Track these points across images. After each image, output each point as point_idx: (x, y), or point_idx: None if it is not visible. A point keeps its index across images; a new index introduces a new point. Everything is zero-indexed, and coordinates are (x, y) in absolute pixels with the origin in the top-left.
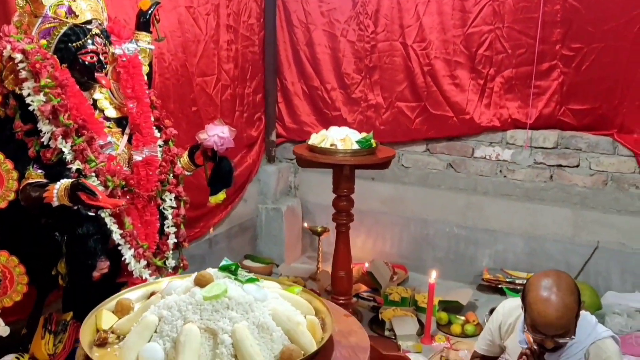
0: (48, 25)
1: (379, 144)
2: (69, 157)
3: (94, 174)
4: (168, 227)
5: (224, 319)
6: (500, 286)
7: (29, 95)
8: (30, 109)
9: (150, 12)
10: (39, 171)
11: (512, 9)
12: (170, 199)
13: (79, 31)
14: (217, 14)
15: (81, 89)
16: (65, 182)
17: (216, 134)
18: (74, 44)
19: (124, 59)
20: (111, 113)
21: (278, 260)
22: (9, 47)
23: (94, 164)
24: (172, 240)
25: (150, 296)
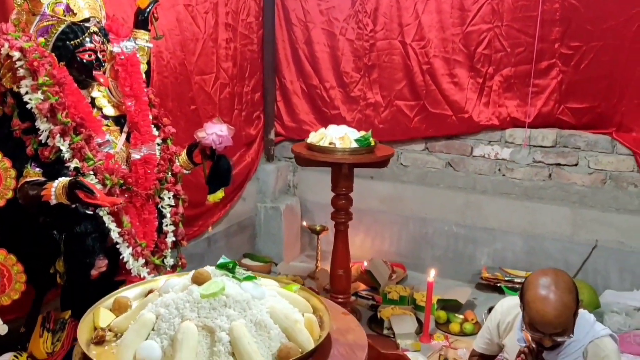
0: (46, 23)
1: (377, 143)
2: (67, 155)
3: (92, 172)
4: (166, 226)
5: (222, 316)
6: (499, 285)
7: (26, 93)
8: (28, 107)
9: (148, 10)
10: (37, 169)
11: (511, 8)
12: (169, 198)
13: (77, 29)
14: (215, 12)
15: (79, 87)
16: (64, 181)
17: (215, 132)
18: (72, 42)
19: (122, 57)
20: (109, 111)
21: (277, 259)
22: (6, 45)
23: (92, 162)
24: (170, 239)
25: (148, 294)
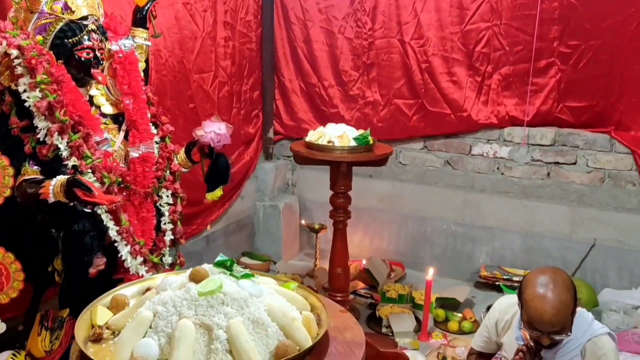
0: (44, 21)
1: (376, 141)
2: (65, 153)
3: (90, 170)
4: (165, 224)
5: (219, 314)
6: (497, 283)
7: (24, 91)
8: (26, 105)
9: (146, 8)
10: (35, 167)
11: (510, 6)
12: (167, 196)
13: (75, 27)
14: (214, 11)
15: (77, 85)
16: (61, 179)
17: (213, 130)
18: (70, 40)
19: (120, 55)
20: (107, 109)
21: (275, 257)
22: (4, 43)
23: (90, 160)
24: (168, 237)
25: (146, 292)
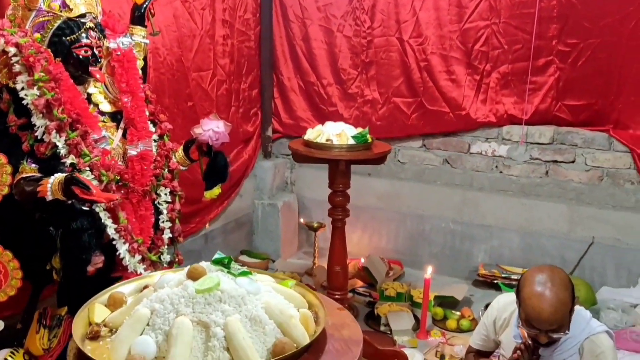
0: (42, 19)
1: (374, 139)
2: (63, 151)
3: (88, 168)
4: (163, 222)
5: (217, 312)
6: (495, 281)
7: (22, 89)
8: (24, 102)
9: (145, 6)
10: (33, 165)
11: (509, 5)
12: (165, 194)
13: (73, 25)
14: (212, 9)
15: (75, 83)
16: (59, 177)
17: (211, 128)
18: (68, 38)
19: (118, 53)
20: (106, 107)
21: (274, 255)
22: (2, 40)
23: (88, 158)
24: (167, 235)
25: (143, 290)
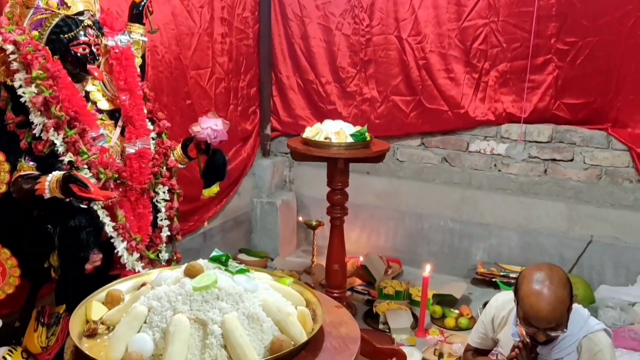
0: (40, 17)
1: (373, 138)
2: (60, 149)
3: (86, 166)
4: (161, 220)
5: (214, 309)
6: (494, 280)
7: (20, 86)
8: (22, 100)
9: (143, 3)
10: (31, 163)
11: (507, 3)
12: (164, 192)
13: (71, 22)
14: (211, 7)
15: (73, 80)
16: (57, 174)
17: (209, 126)
18: (66, 36)
19: (116, 50)
20: (104, 105)
21: (273, 254)
22: (0, 38)
23: (86, 156)
24: (165, 233)
25: (141, 287)
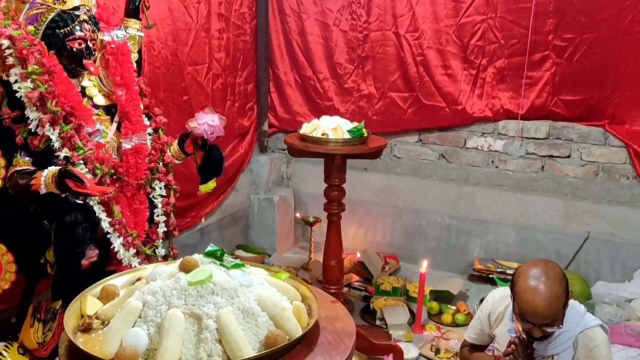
0: (35, 11)
1: (370, 134)
2: (56, 144)
3: (82, 161)
4: (158, 216)
5: (209, 304)
6: (491, 276)
7: (16, 81)
8: (18, 95)
9: None
10: (27, 159)
11: None
12: (160, 188)
13: (66, 17)
14: (208, 2)
15: (69, 76)
16: (53, 170)
17: (206, 122)
18: (62, 31)
19: (112, 46)
20: (100, 100)
21: (270, 250)
22: None
23: (82, 151)
24: (162, 229)
25: (136, 282)
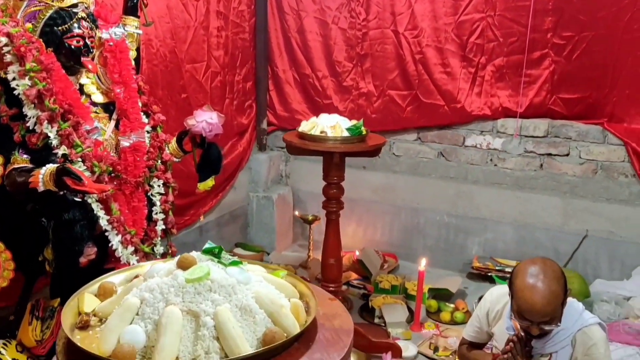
0: (33, 9)
1: (369, 132)
2: (54, 142)
3: (80, 159)
4: (156, 214)
5: (207, 301)
6: (489, 274)
7: (14, 79)
8: (16, 93)
9: None
10: (25, 156)
11: None
12: (159, 186)
13: (64, 15)
14: (207, 0)
15: (67, 73)
16: (51, 167)
17: (204, 119)
18: (60, 28)
19: (110, 43)
20: (98, 98)
21: (269, 248)
22: None
23: (80, 149)
24: (160, 227)
25: (133, 279)
